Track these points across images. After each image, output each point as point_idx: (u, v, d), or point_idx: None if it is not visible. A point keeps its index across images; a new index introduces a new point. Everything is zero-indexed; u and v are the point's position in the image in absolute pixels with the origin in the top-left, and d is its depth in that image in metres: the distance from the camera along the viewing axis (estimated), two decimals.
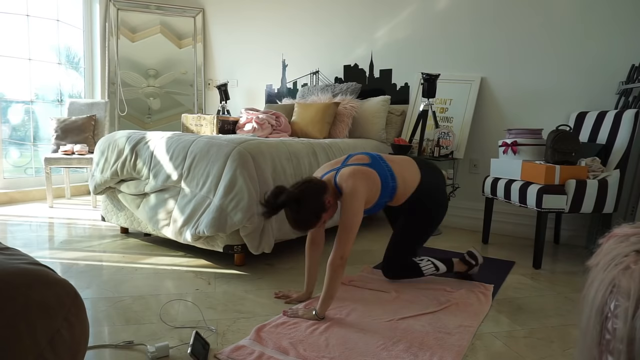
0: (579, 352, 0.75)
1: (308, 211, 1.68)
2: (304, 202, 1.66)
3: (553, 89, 3.13)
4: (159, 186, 2.50)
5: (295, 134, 3.59)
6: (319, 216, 1.71)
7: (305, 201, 1.67)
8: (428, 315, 1.79)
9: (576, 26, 3.03)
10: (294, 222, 1.69)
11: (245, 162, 2.22)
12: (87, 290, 1.97)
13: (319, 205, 1.70)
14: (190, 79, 5.05)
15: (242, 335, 1.59)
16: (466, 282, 2.18)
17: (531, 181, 2.53)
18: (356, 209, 1.74)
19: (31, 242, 2.75)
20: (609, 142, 2.62)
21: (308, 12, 4.28)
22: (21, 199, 4.12)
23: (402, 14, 3.74)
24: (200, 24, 4.99)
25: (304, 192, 1.68)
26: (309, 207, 1.68)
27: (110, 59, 4.75)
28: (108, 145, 2.79)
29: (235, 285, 2.09)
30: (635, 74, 2.78)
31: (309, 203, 1.68)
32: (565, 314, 1.88)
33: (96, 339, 1.53)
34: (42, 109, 4.50)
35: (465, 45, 3.46)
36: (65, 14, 4.55)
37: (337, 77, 4.15)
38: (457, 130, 3.37)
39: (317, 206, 1.69)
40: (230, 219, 2.17)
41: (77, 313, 0.90)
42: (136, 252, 2.58)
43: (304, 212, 1.67)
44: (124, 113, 4.80)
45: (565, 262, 2.65)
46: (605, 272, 0.71)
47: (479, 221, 3.19)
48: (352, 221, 1.73)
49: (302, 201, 1.66)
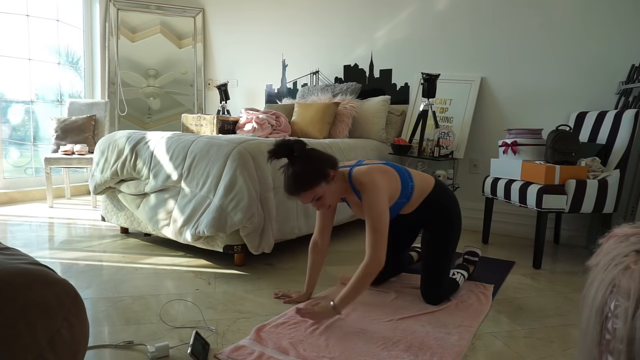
0: (579, 352, 0.75)
1: (310, 167, 1.62)
2: (311, 156, 1.63)
3: (553, 89, 3.13)
4: (159, 186, 2.50)
5: (295, 134, 3.59)
6: (318, 180, 1.63)
7: (312, 156, 1.64)
8: (428, 315, 1.79)
9: (576, 26, 3.03)
10: (292, 175, 1.62)
11: (245, 162, 2.22)
12: (87, 290, 1.97)
13: (323, 169, 1.64)
14: (190, 79, 5.05)
15: (242, 335, 1.59)
16: (466, 282, 2.18)
17: (531, 181, 2.53)
18: (382, 208, 1.64)
19: (31, 242, 2.75)
20: (609, 142, 2.62)
21: (308, 12, 4.28)
22: (21, 199, 4.12)
23: (402, 14, 3.74)
24: (200, 24, 4.99)
25: (313, 149, 1.67)
26: (313, 163, 1.63)
27: (110, 59, 4.75)
28: (108, 145, 2.79)
29: (235, 285, 2.09)
30: (635, 74, 2.78)
31: (315, 160, 1.64)
32: (565, 314, 1.88)
33: (96, 339, 1.53)
34: (42, 109, 4.50)
35: (465, 45, 3.46)
36: (65, 14, 4.55)
37: (337, 77, 4.15)
38: (457, 130, 3.37)
39: (320, 168, 1.63)
40: (230, 219, 2.17)
41: (77, 313, 0.90)
42: (136, 252, 2.58)
43: (306, 166, 1.61)
44: (124, 113, 4.80)
45: (565, 262, 2.65)
46: (605, 272, 0.71)
47: (479, 221, 3.19)
48: (381, 221, 1.63)
49: (309, 154, 1.63)
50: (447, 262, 1.91)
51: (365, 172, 1.70)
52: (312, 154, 1.67)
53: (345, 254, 2.67)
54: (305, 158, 1.64)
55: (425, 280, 1.92)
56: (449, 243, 1.91)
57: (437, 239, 1.91)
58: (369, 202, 1.65)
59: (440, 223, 1.90)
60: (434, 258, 1.91)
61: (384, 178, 1.72)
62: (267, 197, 2.28)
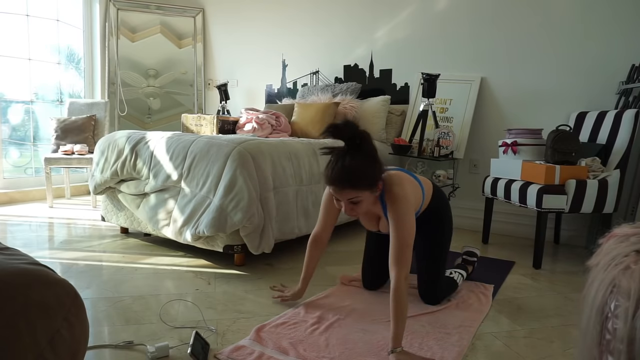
0: (579, 352, 0.75)
1: (368, 168, 1.47)
2: (373, 157, 1.48)
3: (553, 89, 3.13)
4: (159, 186, 2.50)
5: (295, 134, 3.59)
6: (368, 185, 1.49)
7: (374, 157, 1.48)
8: (428, 315, 1.79)
9: (576, 26, 3.03)
10: (347, 166, 1.44)
11: (245, 162, 2.22)
12: (87, 290, 1.97)
13: (376, 177, 1.50)
14: (190, 79, 5.05)
15: (242, 335, 1.58)
16: (466, 282, 2.18)
17: (531, 181, 2.53)
18: (412, 222, 1.55)
19: (31, 242, 2.75)
20: (609, 142, 2.62)
21: (308, 12, 4.28)
22: (21, 199, 4.12)
23: (402, 14, 3.74)
24: (200, 24, 4.99)
25: (376, 149, 1.51)
26: (372, 166, 1.48)
27: (110, 59, 4.75)
28: (108, 145, 2.79)
29: (235, 285, 2.09)
30: (635, 74, 2.78)
31: (375, 164, 1.49)
32: (565, 314, 1.88)
33: (96, 339, 1.53)
34: (42, 109, 4.50)
35: (465, 45, 3.46)
36: (65, 14, 4.55)
37: (337, 77, 4.15)
38: (457, 130, 3.37)
39: (375, 175, 1.50)
40: (230, 219, 2.17)
41: (77, 313, 0.90)
42: (136, 252, 2.58)
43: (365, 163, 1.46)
44: (124, 113, 4.80)
45: (565, 262, 2.65)
46: (605, 272, 0.71)
47: (479, 221, 3.19)
48: (411, 236, 1.53)
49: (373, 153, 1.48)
50: (442, 262, 1.91)
51: (397, 182, 1.58)
52: (375, 154, 1.51)
53: (345, 254, 2.67)
54: (367, 155, 1.48)
55: (422, 282, 1.92)
56: (443, 243, 1.91)
57: (431, 241, 1.90)
58: (400, 215, 1.54)
59: (434, 225, 1.90)
60: (430, 259, 1.90)
61: (413, 189, 1.63)
62: (267, 197, 2.28)
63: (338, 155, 1.49)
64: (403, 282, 1.47)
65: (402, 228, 1.52)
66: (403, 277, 1.48)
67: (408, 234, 1.53)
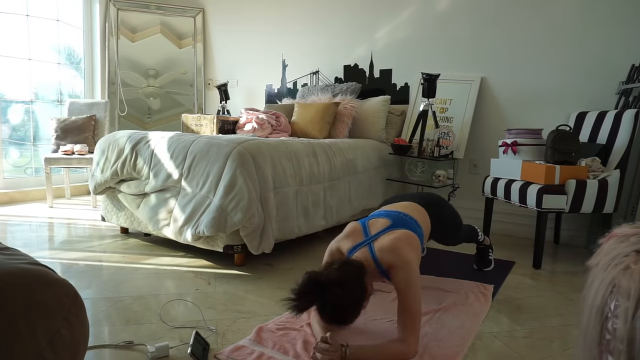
0: (579, 352, 0.75)
1: (351, 298, 1.39)
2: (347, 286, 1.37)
3: (553, 89, 3.13)
4: (159, 186, 2.50)
5: (295, 134, 3.59)
6: (360, 305, 1.43)
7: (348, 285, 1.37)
8: (428, 315, 1.79)
9: (576, 26, 3.03)
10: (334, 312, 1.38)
11: (245, 162, 2.22)
12: (87, 290, 1.97)
13: (362, 291, 1.42)
14: (190, 79, 5.05)
15: (242, 335, 1.59)
16: (466, 282, 2.18)
17: (531, 181, 2.53)
18: (418, 285, 1.46)
19: (31, 242, 2.75)
20: (609, 142, 2.62)
21: (308, 12, 4.28)
22: (21, 199, 4.12)
23: (402, 14, 3.74)
24: (200, 24, 4.99)
25: (345, 275, 1.39)
26: (352, 292, 1.39)
27: (110, 59, 4.75)
28: (108, 145, 2.79)
29: (235, 285, 2.09)
30: (635, 74, 2.78)
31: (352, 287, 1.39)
32: (565, 314, 1.88)
33: (96, 339, 1.53)
34: (42, 109, 4.50)
35: (465, 45, 3.46)
36: (65, 14, 4.55)
37: (337, 77, 4.15)
38: (457, 130, 3.37)
39: (359, 292, 1.41)
40: (230, 219, 2.17)
41: (77, 313, 0.90)
42: (136, 252, 2.58)
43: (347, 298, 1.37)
44: (124, 113, 4.79)
45: (565, 262, 2.65)
46: (605, 272, 0.71)
47: (479, 221, 3.18)
48: (420, 302, 1.45)
49: (344, 284, 1.36)
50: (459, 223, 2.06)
51: (391, 250, 1.49)
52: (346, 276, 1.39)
53: None
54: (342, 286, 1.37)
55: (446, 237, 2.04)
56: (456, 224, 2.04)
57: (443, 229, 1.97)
58: (405, 281, 1.45)
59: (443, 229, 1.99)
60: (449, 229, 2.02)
61: (412, 250, 1.51)
62: (267, 197, 2.28)
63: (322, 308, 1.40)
64: (413, 353, 1.41)
65: (408, 292, 1.44)
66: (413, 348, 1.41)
67: (417, 300, 1.44)
